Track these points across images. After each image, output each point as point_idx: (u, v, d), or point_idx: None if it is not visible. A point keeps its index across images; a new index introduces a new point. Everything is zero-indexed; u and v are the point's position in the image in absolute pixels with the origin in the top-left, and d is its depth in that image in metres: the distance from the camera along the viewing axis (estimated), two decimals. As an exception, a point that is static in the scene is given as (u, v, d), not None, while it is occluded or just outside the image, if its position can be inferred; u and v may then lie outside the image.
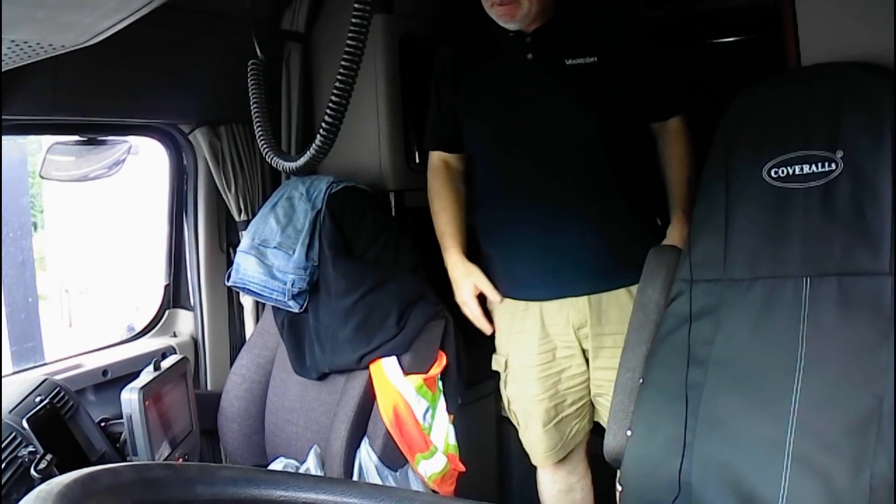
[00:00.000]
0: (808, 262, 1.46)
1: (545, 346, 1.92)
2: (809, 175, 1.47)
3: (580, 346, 1.91)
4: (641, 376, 1.59)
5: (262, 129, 1.46)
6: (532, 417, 1.98)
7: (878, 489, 1.29)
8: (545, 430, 1.97)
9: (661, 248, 1.76)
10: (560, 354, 1.93)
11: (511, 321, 1.96)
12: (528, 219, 1.88)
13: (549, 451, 2.00)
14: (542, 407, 1.95)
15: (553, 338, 1.92)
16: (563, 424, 1.98)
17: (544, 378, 1.94)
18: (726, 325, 1.52)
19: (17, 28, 0.92)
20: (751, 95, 1.59)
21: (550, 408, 1.95)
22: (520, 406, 2.00)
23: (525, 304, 1.93)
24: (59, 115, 1.90)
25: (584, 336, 1.90)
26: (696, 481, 1.45)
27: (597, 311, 1.88)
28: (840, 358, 1.39)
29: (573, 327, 1.89)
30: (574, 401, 1.96)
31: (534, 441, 2.01)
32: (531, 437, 2.01)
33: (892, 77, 1.47)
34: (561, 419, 1.97)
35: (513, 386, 2.00)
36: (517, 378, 1.98)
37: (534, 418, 1.97)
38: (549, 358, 1.93)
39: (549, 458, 2.01)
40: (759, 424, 1.42)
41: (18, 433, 1.45)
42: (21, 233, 3.07)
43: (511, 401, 2.02)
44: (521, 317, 1.94)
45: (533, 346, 1.93)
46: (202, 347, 2.32)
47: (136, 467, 0.69)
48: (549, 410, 1.95)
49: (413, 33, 2.32)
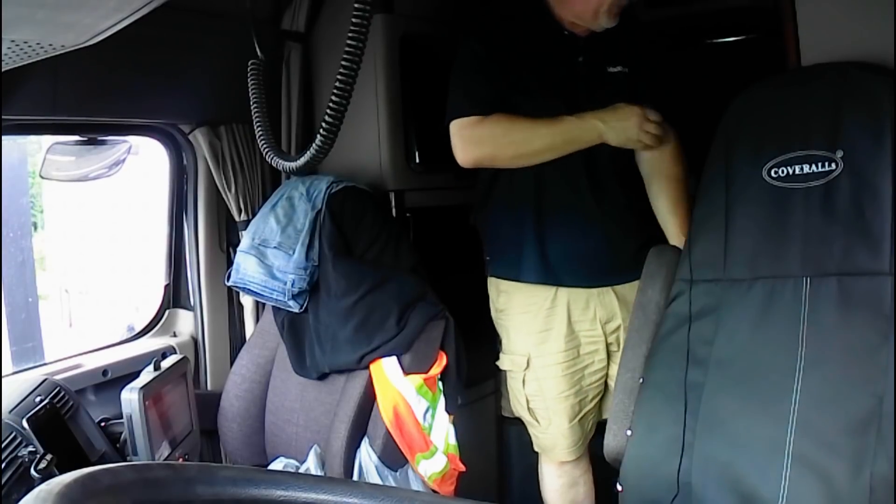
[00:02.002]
0: (809, 262, 1.46)
1: (571, 344, 1.96)
2: (809, 175, 1.48)
3: (605, 341, 1.97)
4: (641, 376, 1.59)
5: (262, 129, 1.46)
6: (557, 415, 2.00)
7: (878, 489, 1.30)
8: (570, 426, 2.00)
9: (661, 248, 1.76)
10: (584, 351, 1.97)
11: (534, 320, 1.97)
12: (564, 207, 1.91)
13: (573, 447, 2.02)
14: (568, 403, 1.98)
15: (578, 335, 1.96)
16: (585, 420, 2.02)
17: (569, 375, 1.97)
18: (726, 325, 1.52)
19: (17, 28, 0.92)
20: (751, 95, 1.59)
21: (575, 403, 1.99)
22: (542, 404, 2.01)
23: (551, 303, 1.95)
24: (60, 115, 1.90)
25: (611, 330, 1.96)
26: (696, 481, 1.45)
27: (624, 303, 1.92)
28: (840, 358, 1.39)
29: (600, 322, 1.95)
30: (594, 395, 2.02)
31: (557, 438, 2.02)
32: (554, 434, 2.02)
33: (892, 77, 1.47)
34: (584, 414, 2.01)
35: (534, 384, 2.01)
36: (540, 376, 1.99)
37: (559, 415, 1.99)
38: (573, 355, 1.97)
39: (572, 453, 2.03)
40: (759, 424, 1.42)
41: (18, 433, 1.45)
42: (21, 233, 3.07)
43: (531, 399, 2.03)
44: (545, 315, 1.96)
45: (560, 344, 1.95)
46: (202, 347, 2.32)
47: (136, 467, 0.69)
48: (574, 406, 1.99)
49: (413, 33, 2.31)
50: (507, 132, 1.82)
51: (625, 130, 1.78)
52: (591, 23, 1.85)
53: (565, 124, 1.79)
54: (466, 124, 1.83)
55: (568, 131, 1.79)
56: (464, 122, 1.83)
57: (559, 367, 1.96)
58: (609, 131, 1.78)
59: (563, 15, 1.88)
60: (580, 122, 1.79)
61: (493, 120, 1.81)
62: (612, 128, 1.78)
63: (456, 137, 1.85)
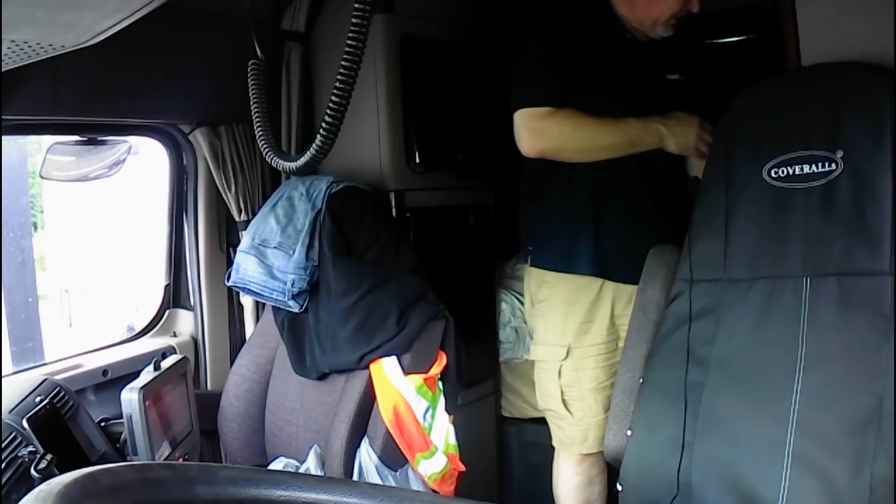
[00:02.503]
0: (809, 262, 1.46)
1: (611, 336, 2.03)
2: (810, 175, 1.48)
3: None
4: (641, 376, 1.59)
5: (262, 129, 1.46)
6: (593, 405, 2.05)
7: (878, 489, 1.30)
8: (605, 416, 2.00)
9: (661, 248, 1.76)
10: (622, 345, 1.97)
11: (578, 311, 2.02)
12: (621, 204, 1.97)
13: (601, 439, 2.01)
14: (605, 394, 2.03)
15: (618, 329, 2.02)
16: None
17: (608, 367, 2.03)
18: (726, 325, 1.52)
19: (17, 28, 0.92)
20: (751, 95, 1.59)
21: (611, 395, 1.99)
22: (578, 394, 2.05)
23: (596, 295, 2.01)
24: (60, 115, 1.90)
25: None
26: (696, 481, 1.45)
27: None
28: (840, 358, 1.39)
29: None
30: None
31: (590, 429, 2.06)
32: (588, 424, 2.06)
33: (892, 77, 1.47)
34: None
35: (572, 374, 2.05)
36: (578, 367, 2.04)
37: (595, 406, 2.05)
38: (613, 347, 2.03)
39: (600, 445, 2.03)
40: (759, 424, 1.42)
41: (18, 433, 1.45)
42: (21, 233, 3.07)
43: (566, 390, 2.07)
44: (589, 307, 2.01)
45: (602, 335, 2.02)
46: (202, 347, 2.32)
47: (136, 467, 0.69)
48: (609, 398, 1.99)
49: (413, 33, 2.31)
50: (575, 127, 1.86)
51: (685, 137, 1.88)
52: (650, 30, 1.93)
53: (630, 126, 1.87)
54: (536, 115, 1.85)
55: (632, 133, 1.87)
56: (533, 112, 1.86)
57: (599, 359, 2.03)
58: (670, 137, 1.87)
59: (627, 18, 1.93)
60: (644, 125, 1.87)
61: (564, 114, 1.85)
62: (674, 134, 1.88)
63: (523, 128, 1.87)
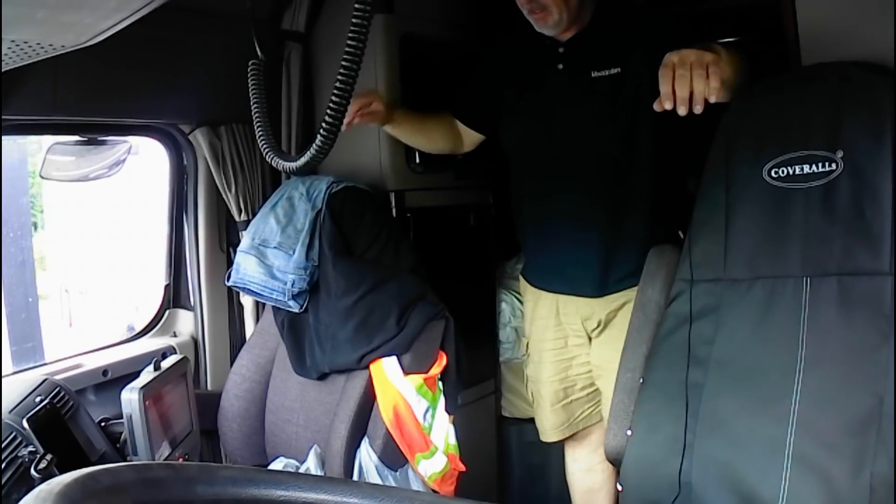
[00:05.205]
0: (809, 262, 1.46)
1: (559, 333, 2.08)
2: (810, 175, 1.47)
3: (587, 336, 2.03)
4: (642, 376, 1.59)
5: (262, 129, 1.46)
6: (543, 397, 2.14)
7: (878, 489, 1.29)
8: (552, 409, 2.13)
9: (661, 248, 1.76)
10: (571, 343, 2.08)
11: (534, 307, 2.12)
12: (550, 219, 2.00)
13: (555, 429, 2.15)
14: (552, 388, 2.11)
15: (565, 326, 2.06)
16: (574, 406, 2.13)
17: (557, 362, 2.09)
18: (726, 325, 1.52)
19: (17, 28, 0.92)
20: (751, 95, 1.59)
21: (560, 390, 2.11)
22: (535, 386, 2.18)
23: (545, 293, 2.07)
24: (60, 115, 1.90)
25: (591, 326, 2.02)
26: (696, 481, 1.45)
27: (604, 303, 1.98)
28: (840, 358, 1.39)
29: (581, 318, 2.02)
30: (584, 386, 2.11)
31: (542, 418, 2.18)
32: (540, 414, 2.18)
33: (892, 77, 1.47)
34: (570, 401, 2.12)
35: (532, 366, 2.18)
36: (534, 360, 2.16)
37: (544, 398, 2.14)
38: (562, 344, 2.08)
39: (555, 434, 2.16)
40: (760, 424, 1.42)
41: (18, 433, 1.45)
42: (21, 233, 3.07)
43: (529, 380, 2.21)
44: (541, 304, 2.09)
45: (549, 332, 2.08)
46: (202, 347, 2.32)
47: (136, 467, 0.69)
48: (559, 392, 2.11)
49: (413, 33, 2.31)
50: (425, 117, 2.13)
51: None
52: (535, 26, 1.86)
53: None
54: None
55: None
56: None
57: (549, 354, 2.10)
58: None
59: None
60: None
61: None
62: None
63: None
